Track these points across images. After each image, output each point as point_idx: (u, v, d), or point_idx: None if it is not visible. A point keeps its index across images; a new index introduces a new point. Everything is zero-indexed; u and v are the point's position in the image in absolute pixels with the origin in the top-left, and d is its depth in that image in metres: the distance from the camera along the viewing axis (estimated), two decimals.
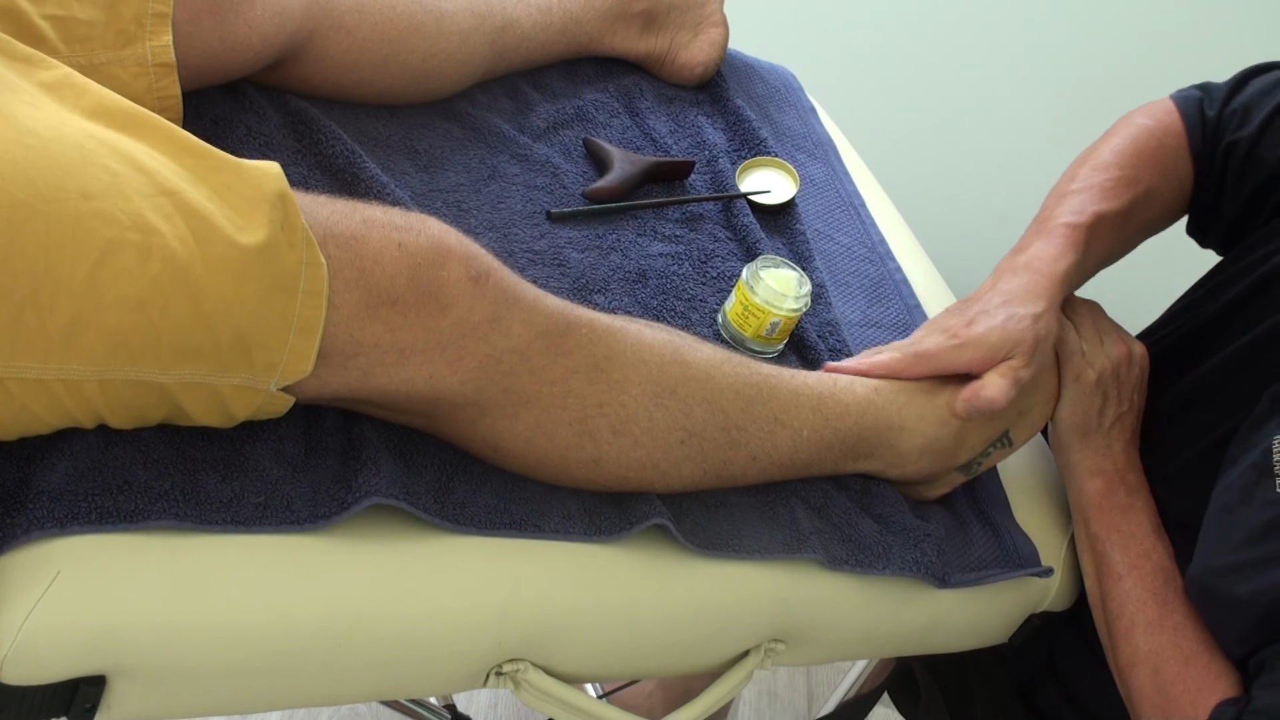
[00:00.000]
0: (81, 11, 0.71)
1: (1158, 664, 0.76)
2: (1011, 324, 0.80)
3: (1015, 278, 0.84)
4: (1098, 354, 0.87)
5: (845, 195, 1.16)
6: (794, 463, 0.78)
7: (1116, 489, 0.84)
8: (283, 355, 0.59)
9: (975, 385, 0.80)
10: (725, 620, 0.77)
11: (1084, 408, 0.86)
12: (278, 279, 0.58)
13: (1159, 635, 0.77)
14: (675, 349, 0.73)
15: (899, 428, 0.81)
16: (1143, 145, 0.92)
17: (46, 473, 0.59)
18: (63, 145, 0.55)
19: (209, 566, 0.61)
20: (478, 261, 0.64)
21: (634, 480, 0.73)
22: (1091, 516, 0.85)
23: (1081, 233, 0.86)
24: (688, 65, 1.16)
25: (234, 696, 0.66)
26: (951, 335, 0.82)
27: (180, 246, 0.55)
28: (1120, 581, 0.81)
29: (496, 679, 0.72)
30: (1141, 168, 0.90)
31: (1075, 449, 0.87)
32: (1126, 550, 0.82)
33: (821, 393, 0.79)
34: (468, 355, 0.64)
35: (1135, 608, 0.79)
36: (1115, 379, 0.87)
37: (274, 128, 0.87)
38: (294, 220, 0.59)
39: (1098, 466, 0.86)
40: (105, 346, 0.55)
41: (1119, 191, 0.88)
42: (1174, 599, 0.78)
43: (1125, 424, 0.87)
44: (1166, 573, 0.80)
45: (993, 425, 0.84)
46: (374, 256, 0.61)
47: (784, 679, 1.73)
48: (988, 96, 1.89)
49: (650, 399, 0.71)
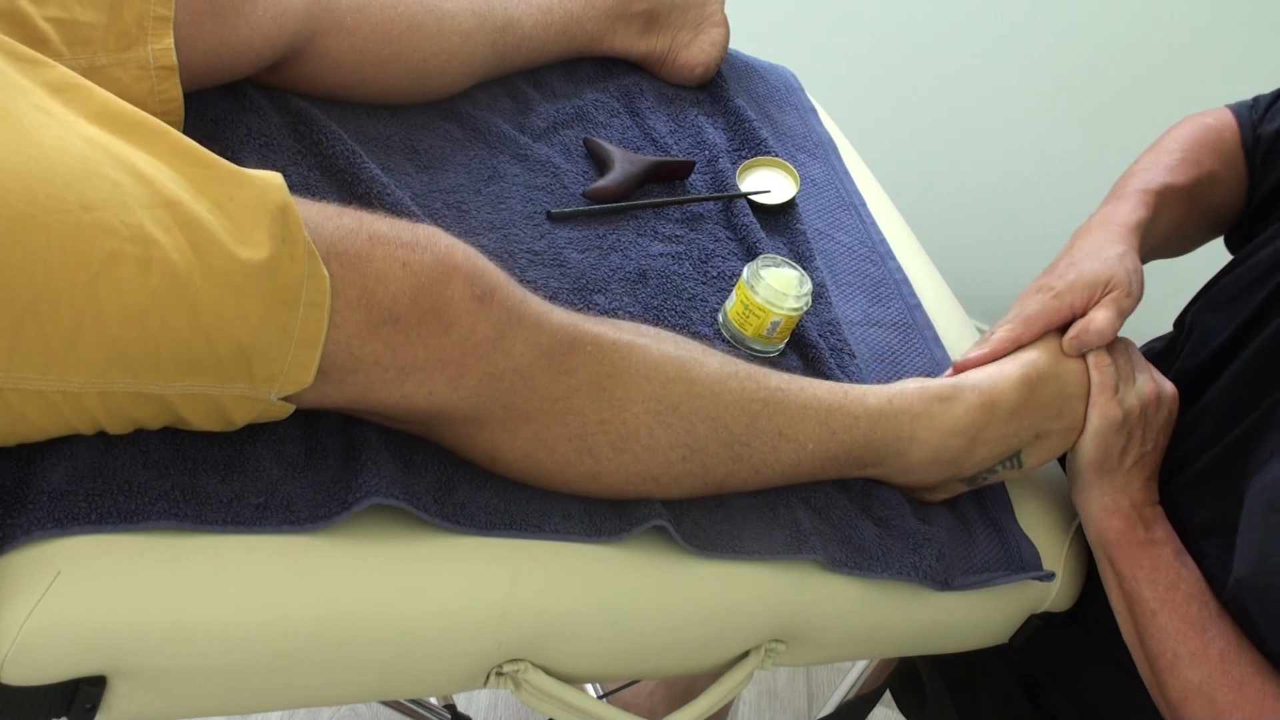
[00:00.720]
0: (83, 14, 0.71)
1: (1211, 694, 0.75)
2: (1100, 264, 0.84)
3: (1089, 235, 0.89)
4: (1129, 393, 0.85)
5: (845, 195, 1.16)
6: (797, 474, 0.78)
7: (1135, 525, 0.83)
8: (283, 367, 0.59)
9: (1082, 321, 0.84)
10: (725, 620, 0.77)
11: (1107, 446, 0.84)
12: (279, 292, 0.57)
13: (1205, 665, 0.76)
14: (682, 365, 0.72)
15: (909, 439, 0.80)
16: (1202, 136, 0.97)
17: (47, 473, 0.59)
18: (64, 155, 0.55)
19: (209, 567, 0.61)
20: (484, 280, 0.63)
21: (632, 493, 0.72)
22: (1115, 556, 0.83)
23: (1151, 196, 0.91)
24: (688, 65, 1.16)
25: (234, 696, 0.66)
26: (1047, 290, 0.85)
27: (180, 259, 0.55)
28: (1155, 618, 0.80)
29: (497, 679, 0.72)
30: (1203, 152, 0.96)
31: (1093, 486, 0.85)
32: (1154, 585, 0.80)
33: (831, 405, 0.78)
34: (468, 373, 0.64)
35: (1176, 641, 0.78)
36: (1142, 419, 0.85)
37: (274, 128, 0.87)
38: (296, 233, 0.58)
39: (1115, 505, 0.84)
40: (105, 358, 0.55)
41: (1184, 170, 0.94)
42: (1213, 625, 0.77)
43: (1146, 464, 0.86)
44: (1200, 599, 0.79)
45: (1005, 441, 0.83)
46: (377, 276, 0.60)
47: (784, 679, 1.73)
48: (988, 96, 1.89)
49: (652, 416, 0.70)
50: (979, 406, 0.81)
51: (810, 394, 0.78)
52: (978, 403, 0.81)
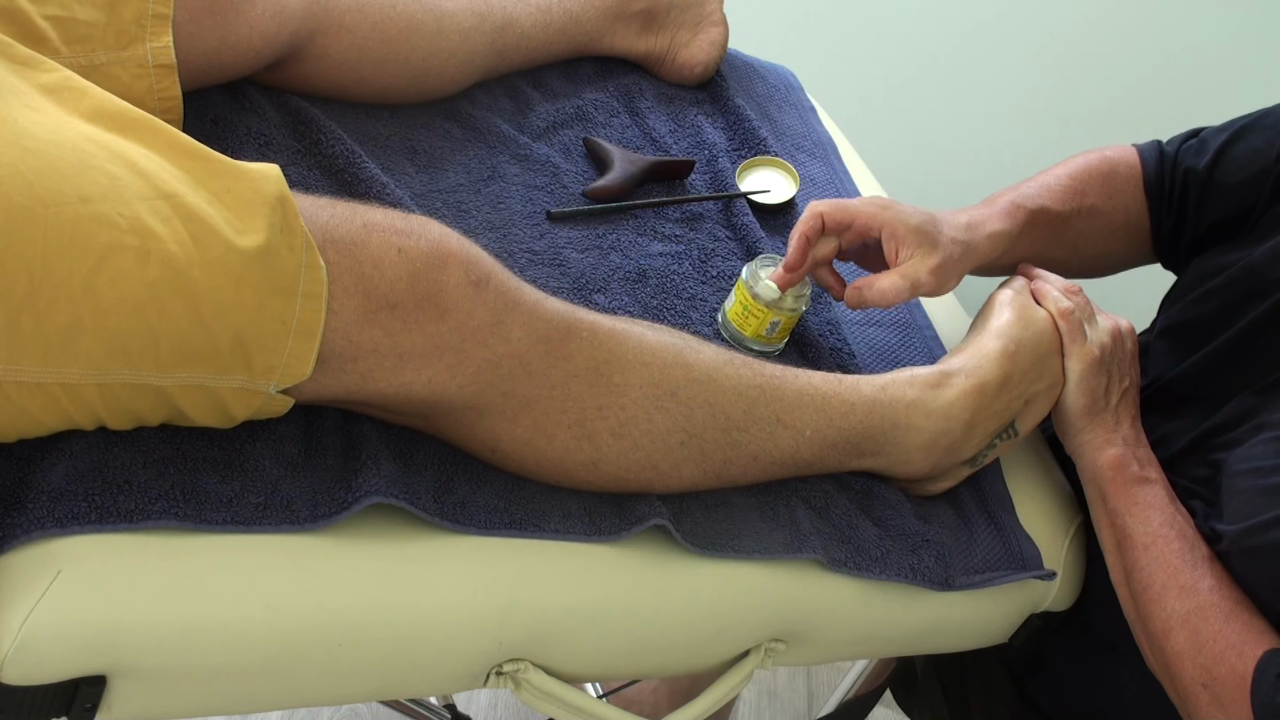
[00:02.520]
0: (82, 12, 0.71)
1: (1196, 624, 0.76)
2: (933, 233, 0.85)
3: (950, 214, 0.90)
4: (1096, 333, 0.87)
5: (845, 195, 1.16)
6: (796, 461, 0.78)
7: (1129, 462, 0.84)
8: (282, 358, 0.59)
9: (869, 278, 0.85)
10: (725, 620, 0.77)
11: (1092, 389, 0.86)
12: (276, 282, 0.58)
13: (1194, 597, 0.77)
14: (677, 351, 0.73)
15: (905, 425, 0.81)
16: (1094, 168, 0.98)
17: (47, 472, 0.59)
18: (61, 149, 0.55)
19: (209, 566, 0.61)
20: (478, 266, 0.64)
21: (633, 482, 0.72)
22: (1108, 492, 0.84)
23: (1022, 213, 0.92)
24: (687, 64, 1.16)
25: (234, 696, 0.66)
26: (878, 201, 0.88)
27: (179, 250, 0.55)
28: (1146, 551, 0.80)
29: (497, 679, 0.72)
30: (1090, 183, 0.97)
31: (1085, 430, 0.87)
32: (1147, 521, 0.81)
33: (827, 393, 0.79)
34: (467, 360, 0.64)
35: (1165, 574, 0.79)
36: (1115, 355, 0.88)
37: (274, 128, 0.87)
38: (293, 224, 0.59)
39: (1108, 441, 0.86)
40: (104, 350, 0.55)
41: (1066, 198, 0.95)
42: (1203, 563, 0.78)
43: (1129, 399, 0.88)
44: (1191, 539, 0.80)
45: (999, 417, 0.84)
46: (373, 262, 0.61)
47: (784, 679, 1.73)
48: (988, 96, 1.89)
49: (651, 402, 0.71)
50: (971, 391, 0.82)
51: (805, 381, 0.79)
52: (969, 387, 0.82)
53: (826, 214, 0.87)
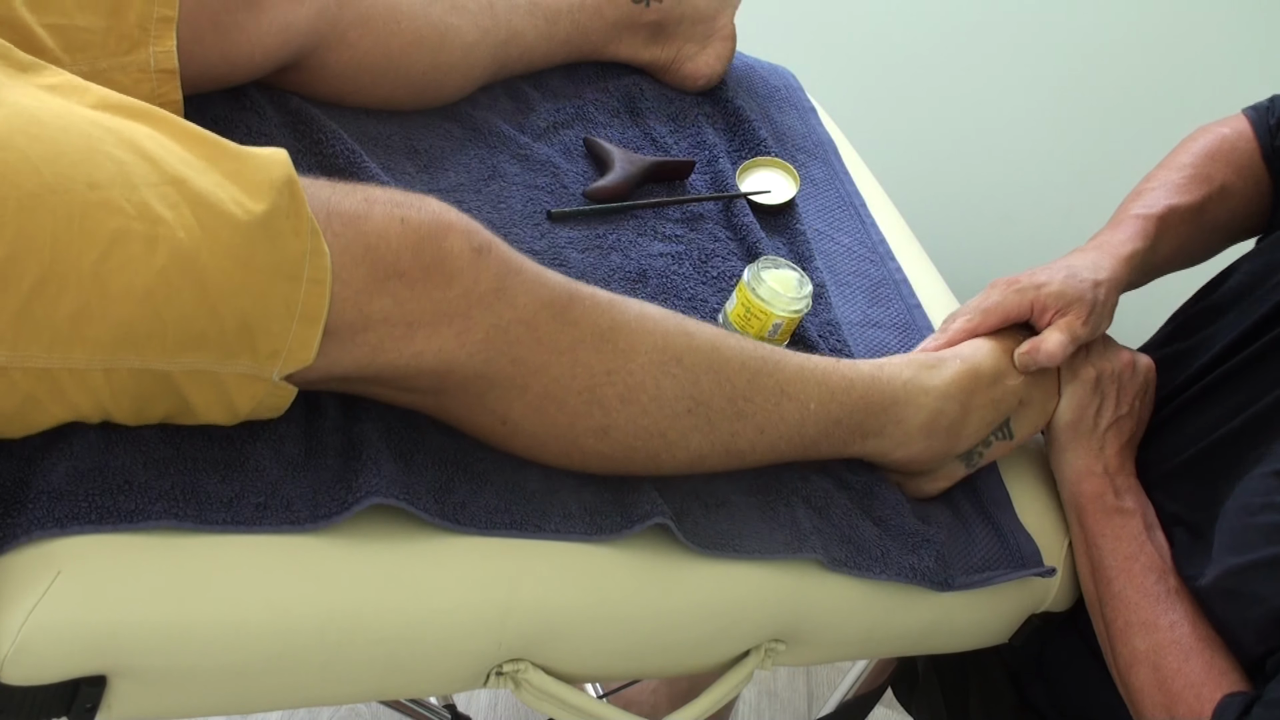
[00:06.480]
0: (82, 19, 0.71)
1: (1156, 661, 0.76)
2: (1071, 282, 0.85)
3: (1081, 254, 0.89)
4: (1100, 356, 0.88)
5: (845, 195, 1.16)
6: (802, 437, 0.78)
7: (1107, 491, 0.85)
8: (286, 342, 0.60)
9: (1034, 340, 0.84)
10: (725, 620, 0.77)
11: (1081, 406, 0.87)
12: (281, 265, 0.58)
13: (1154, 634, 0.77)
14: (679, 320, 0.74)
15: (904, 402, 0.81)
16: (1215, 148, 0.96)
17: (47, 473, 0.59)
18: (68, 134, 0.55)
19: (209, 566, 0.61)
20: (478, 235, 0.65)
21: (641, 451, 0.72)
22: (1085, 519, 0.85)
23: (1151, 223, 0.90)
24: (692, 76, 1.16)
25: (234, 696, 0.66)
26: (1013, 286, 0.86)
27: (186, 235, 0.56)
28: (1111, 584, 0.81)
29: (497, 679, 0.72)
30: (1215, 166, 0.95)
31: (1069, 448, 0.87)
32: (1115, 553, 0.82)
33: (826, 368, 0.80)
34: (475, 326, 0.64)
35: (1128, 610, 0.80)
36: (1116, 381, 0.88)
37: (274, 128, 0.87)
38: (300, 209, 0.59)
39: (1089, 468, 0.86)
40: (111, 336, 0.56)
41: (1192, 187, 0.93)
42: (1167, 598, 0.78)
43: (1123, 428, 0.88)
44: (1158, 572, 0.80)
45: (995, 406, 0.85)
46: (378, 232, 0.61)
47: (784, 679, 1.73)
48: (988, 96, 1.89)
49: (657, 367, 0.71)
50: (965, 372, 0.84)
51: (804, 358, 0.80)
52: (963, 368, 0.84)
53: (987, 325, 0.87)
